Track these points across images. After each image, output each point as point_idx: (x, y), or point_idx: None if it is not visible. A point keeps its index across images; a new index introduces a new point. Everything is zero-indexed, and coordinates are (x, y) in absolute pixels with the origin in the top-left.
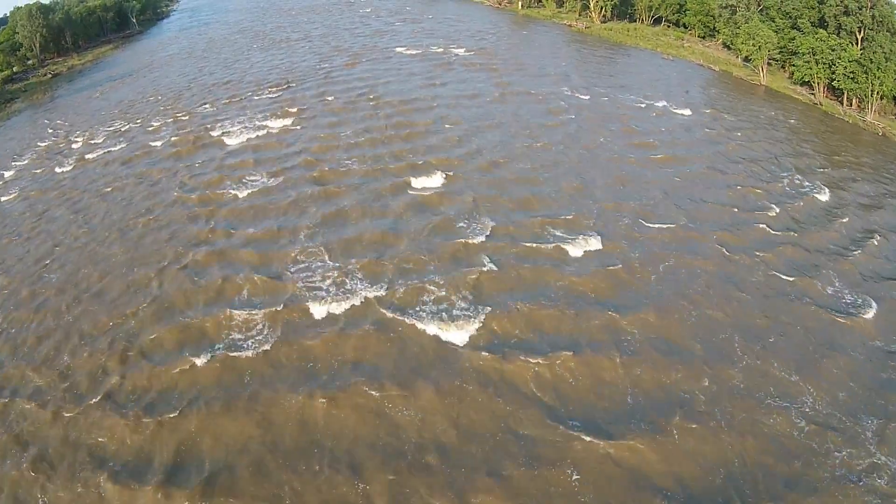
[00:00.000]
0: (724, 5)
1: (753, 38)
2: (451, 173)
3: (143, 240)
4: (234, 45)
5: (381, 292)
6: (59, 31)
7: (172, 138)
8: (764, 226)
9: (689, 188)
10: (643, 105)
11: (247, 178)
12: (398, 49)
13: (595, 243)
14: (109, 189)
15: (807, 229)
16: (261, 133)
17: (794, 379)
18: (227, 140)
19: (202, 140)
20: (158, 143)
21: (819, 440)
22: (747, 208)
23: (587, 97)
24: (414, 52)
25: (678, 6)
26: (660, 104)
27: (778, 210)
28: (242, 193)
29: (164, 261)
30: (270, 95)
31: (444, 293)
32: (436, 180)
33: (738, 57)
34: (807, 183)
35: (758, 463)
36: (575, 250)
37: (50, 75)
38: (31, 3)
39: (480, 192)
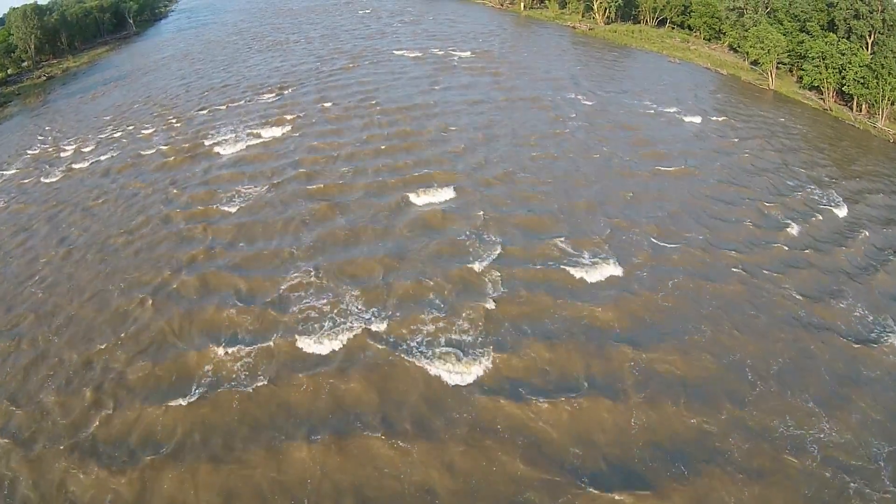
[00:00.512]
0: (731, 7)
1: (762, 42)
2: (455, 188)
3: (128, 261)
4: (231, 46)
5: (381, 326)
6: (55, 33)
7: (163, 147)
8: (782, 245)
9: (704, 203)
10: (652, 111)
11: (239, 192)
12: (398, 52)
13: (610, 268)
14: (97, 203)
15: (826, 248)
16: (255, 142)
17: (816, 414)
18: (220, 150)
19: (194, 150)
20: (149, 153)
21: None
22: (764, 225)
23: (594, 103)
24: (415, 54)
25: (683, 8)
26: (669, 110)
27: (796, 227)
28: (233, 209)
29: (149, 286)
30: (267, 100)
31: (448, 326)
32: (439, 196)
33: (745, 60)
34: (823, 196)
35: None
36: (589, 275)
37: (44, 77)
38: (27, 4)
39: (487, 209)
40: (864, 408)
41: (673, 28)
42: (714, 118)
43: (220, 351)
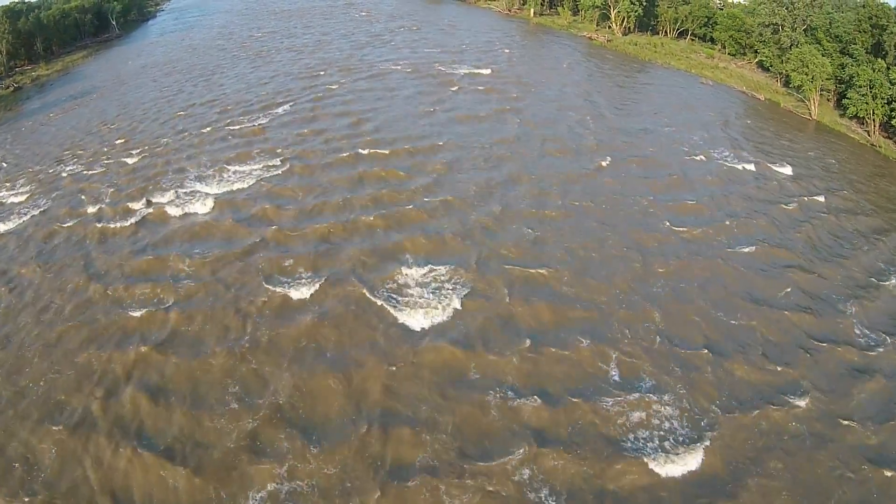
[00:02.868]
0: (765, 23)
1: (806, 66)
2: (466, 279)
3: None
4: (215, 54)
5: None
6: (30, 37)
7: (106, 203)
8: (848, 351)
9: (748, 281)
10: (686, 148)
11: (175, 290)
12: (395, 66)
13: (666, 413)
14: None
15: None
16: (213, 203)
17: None
18: (169, 211)
19: (136, 212)
20: (89, 211)
21: None
22: (822, 312)
23: (624, 138)
24: (413, 70)
25: (705, 19)
26: (706, 147)
27: (865, 331)
28: (168, 318)
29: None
30: (243, 131)
31: None
32: (445, 300)
33: (777, 81)
34: (888, 267)
35: None
36: (640, 428)
37: (13, 87)
38: (2, 6)
39: (512, 310)
40: None
41: (694, 41)
42: (754, 157)
43: None
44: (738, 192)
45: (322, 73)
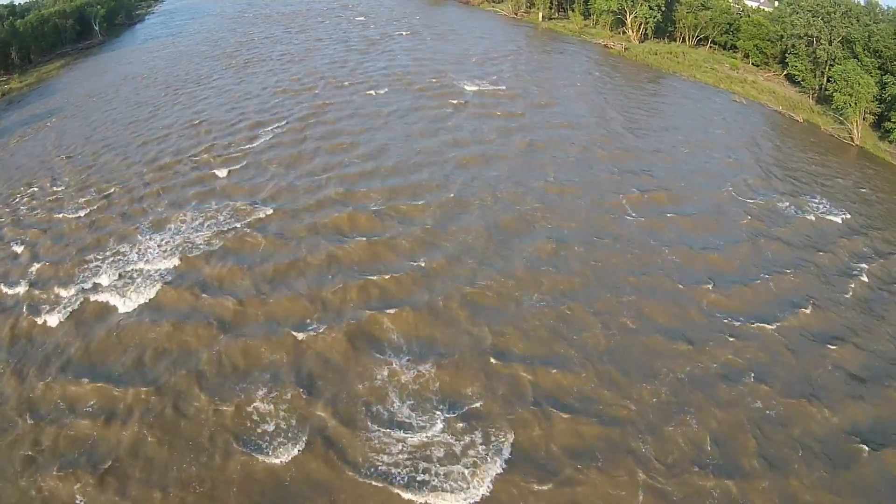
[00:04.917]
0: (799, 35)
1: (850, 87)
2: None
3: None
4: (200, 64)
5: None
6: (5, 46)
7: (19, 289)
8: None
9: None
10: (730, 187)
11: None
12: (393, 80)
13: None
14: None
15: None
16: (161, 286)
17: None
18: (111, 301)
19: (65, 302)
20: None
21: None
22: None
23: (659, 177)
24: (411, 84)
25: (727, 26)
26: (745, 181)
27: None
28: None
29: None
30: (213, 174)
31: None
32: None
33: (811, 98)
34: None
35: None
36: None
37: None
38: None
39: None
40: None
41: (714, 48)
42: (803, 195)
43: None
44: (782, 239)
45: (313, 86)
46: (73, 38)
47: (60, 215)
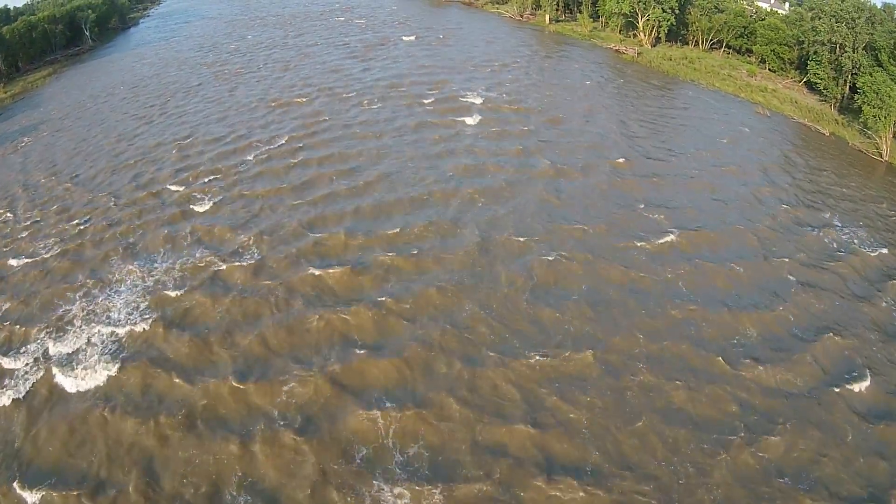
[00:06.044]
0: (822, 41)
1: (881, 100)
2: None
3: None
4: (192, 72)
5: None
6: None
7: None
8: None
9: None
10: (768, 222)
11: None
12: (392, 90)
13: None
14: None
15: None
16: (120, 369)
17: None
18: (61, 381)
19: (12, 377)
20: None
21: None
22: None
23: (687, 212)
24: (411, 96)
25: (742, 29)
26: (796, 223)
27: None
28: None
29: None
30: (187, 208)
31: None
32: None
33: (832, 107)
34: None
35: None
36: None
37: None
38: None
39: None
40: None
41: (729, 53)
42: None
43: None
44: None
45: (309, 98)
46: (62, 44)
47: (20, 259)
